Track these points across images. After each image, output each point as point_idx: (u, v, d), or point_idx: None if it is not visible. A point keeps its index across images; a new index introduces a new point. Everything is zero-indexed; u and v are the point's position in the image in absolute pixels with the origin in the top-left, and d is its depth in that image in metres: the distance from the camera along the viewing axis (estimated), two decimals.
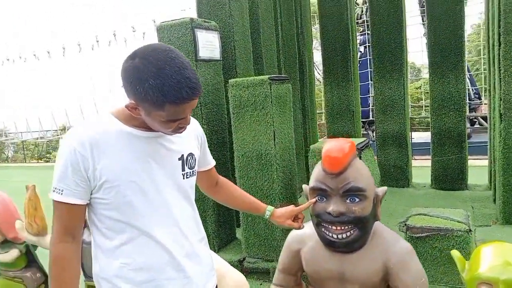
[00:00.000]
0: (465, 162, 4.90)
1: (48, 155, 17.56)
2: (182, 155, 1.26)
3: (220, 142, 3.62)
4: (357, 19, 11.19)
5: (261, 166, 3.10)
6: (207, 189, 1.57)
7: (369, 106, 11.19)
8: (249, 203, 1.59)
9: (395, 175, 5.21)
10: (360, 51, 12.19)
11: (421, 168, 6.04)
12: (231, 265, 1.93)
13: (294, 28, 5.35)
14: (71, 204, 1.12)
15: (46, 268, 2.34)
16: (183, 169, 1.26)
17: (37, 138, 18.12)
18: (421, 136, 11.54)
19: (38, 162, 15.42)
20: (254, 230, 3.21)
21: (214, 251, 3.19)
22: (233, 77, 3.64)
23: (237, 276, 1.81)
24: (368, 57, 10.88)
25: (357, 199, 1.46)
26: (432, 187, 5.05)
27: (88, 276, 2.09)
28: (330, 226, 1.48)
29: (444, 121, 4.91)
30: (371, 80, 10.65)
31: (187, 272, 1.24)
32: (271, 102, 3.02)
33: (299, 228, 1.55)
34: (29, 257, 2.34)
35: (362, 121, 7.05)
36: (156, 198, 1.19)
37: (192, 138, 1.34)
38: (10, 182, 8.53)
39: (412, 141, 7.00)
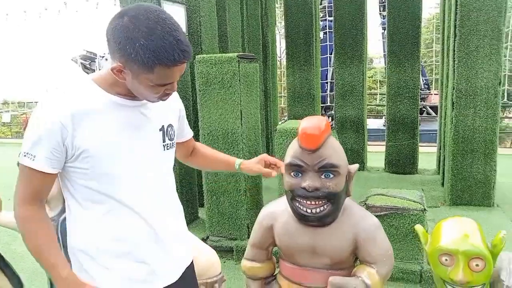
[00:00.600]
0: (417, 147, 5.19)
1: None
2: (163, 126, 1.22)
3: None
4: None
5: (227, 145, 3.09)
6: (184, 158, 1.55)
7: (326, 92, 11.42)
8: (222, 161, 1.59)
9: (351, 158, 5.37)
10: (320, 37, 12.35)
11: (373, 153, 6.32)
12: None
13: (259, 9, 5.31)
14: (43, 172, 1.06)
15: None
16: (163, 140, 1.22)
17: None
18: (373, 123, 12.04)
19: None
20: (218, 208, 3.21)
21: None
22: (198, 54, 3.56)
23: (209, 252, 1.81)
24: (327, 43, 11.05)
25: (331, 175, 1.49)
26: (386, 171, 5.31)
27: None
28: (304, 201, 1.51)
29: (399, 108, 5.15)
30: (329, 66, 10.86)
31: (166, 244, 1.22)
32: (239, 80, 2.99)
33: (270, 174, 1.54)
34: None
35: None
36: (136, 169, 1.14)
37: (172, 109, 1.30)
38: None
39: None
